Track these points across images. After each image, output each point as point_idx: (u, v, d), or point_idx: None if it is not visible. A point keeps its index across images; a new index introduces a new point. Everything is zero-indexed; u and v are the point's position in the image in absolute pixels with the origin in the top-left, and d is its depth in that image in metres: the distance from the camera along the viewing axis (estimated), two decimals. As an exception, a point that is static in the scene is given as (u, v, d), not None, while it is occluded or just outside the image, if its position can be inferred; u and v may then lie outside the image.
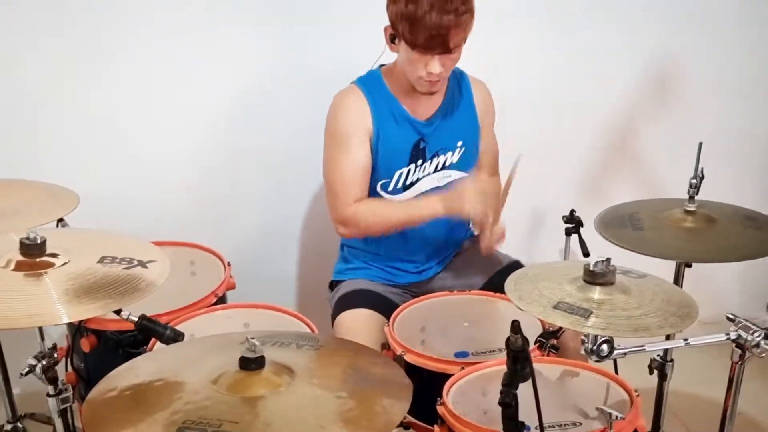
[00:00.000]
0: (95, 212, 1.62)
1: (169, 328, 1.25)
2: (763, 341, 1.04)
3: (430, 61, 1.47)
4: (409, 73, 1.53)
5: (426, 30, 1.42)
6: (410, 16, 1.42)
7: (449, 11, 1.41)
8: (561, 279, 1.09)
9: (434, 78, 1.50)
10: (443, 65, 1.48)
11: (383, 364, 1.16)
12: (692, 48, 2.15)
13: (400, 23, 1.46)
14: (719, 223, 1.44)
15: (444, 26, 1.42)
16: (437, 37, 1.43)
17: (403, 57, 1.52)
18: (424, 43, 1.44)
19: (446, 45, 1.45)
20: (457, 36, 1.46)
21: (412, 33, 1.44)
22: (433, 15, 1.41)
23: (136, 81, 1.85)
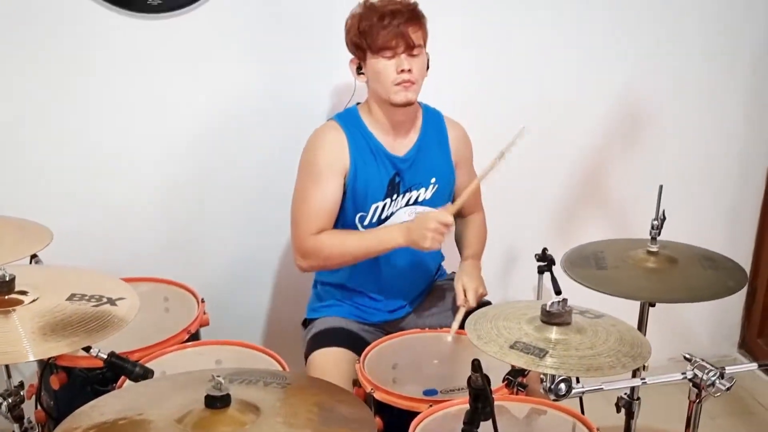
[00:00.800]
0: (69, 248, 1.63)
1: (138, 366, 1.26)
2: (718, 380, 1.07)
3: (398, 61, 1.55)
4: (383, 86, 1.58)
5: (385, 29, 1.54)
6: (367, 28, 1.55)
7: (400, 11, 1.55)
8: (520, 319, 1.12)
9: (406, 77, 1.56)
10: (411, 64, 1.56)
11: (350, 402, 1.17)
12: (658, 91, 2.22)
13: (361, 40, 1.57)
14: (680, 264, 1.48)
15: (400, 23, 1.53)
16: (398, 36, 1.53)
17: (373, 74, 1.59)
18: (386, 42, 1.54)
19: (408, 41, 1.54)
20: (415, 33, 1.55)
21: (374, 38, 1.54)
22: (387, 18, 1.54)
23: (109, 117, 1.87)
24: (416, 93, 1.60)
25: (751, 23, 2.21)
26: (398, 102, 1.58)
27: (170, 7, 1.81)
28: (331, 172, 1.61)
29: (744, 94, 2.29)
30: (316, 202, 1.62)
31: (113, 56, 1.83)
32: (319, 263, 1.66)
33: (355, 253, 1.62)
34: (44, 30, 1.77)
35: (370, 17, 1.55)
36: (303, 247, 1.63)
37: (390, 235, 1.59)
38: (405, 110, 1.63)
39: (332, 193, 1.62)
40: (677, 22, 2.17)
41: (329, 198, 1.62)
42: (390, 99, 1.59)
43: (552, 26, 2.08)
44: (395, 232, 1.58)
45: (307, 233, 1.62)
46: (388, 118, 1.65)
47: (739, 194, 2.40)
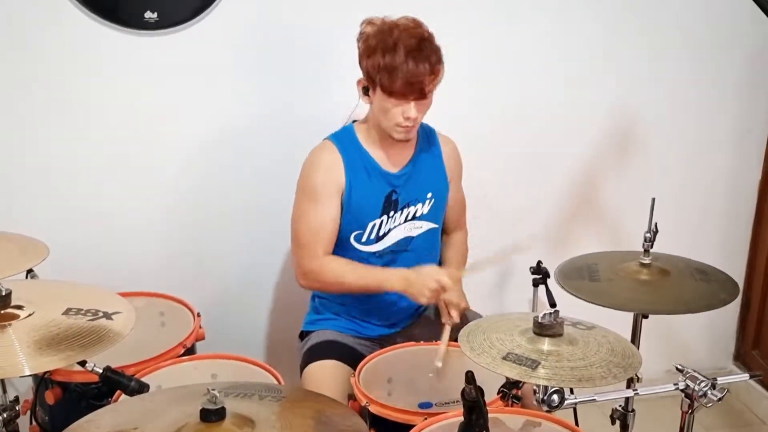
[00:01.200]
0: (66, 263, 1.64)
1: (133, 380, 1.26)
2: (710, 391, 1.07)
3: (406, 107, 1.55)
4: (385, 121, 1.59)
5: (403, 78, 1.50)
6: (388, 67, 1.50)
7: (424, 60, 1.51)
8: (513, 330, 1.13)
9: (410, 123, 1.57)
10: (418, 111, 1.56)
11: (345, 415, 1.17)
12: (650, 105, 2.24)
13: (377, 74, 1.53)
14: (672, 276, 1.49)
15: (420, 74, 1.51)
16: (414, 84, 1.51)
17: (379, 106, 1.59)
18: (401, 90, 1.52)
19: (422, 91, 1.54)
20: (431, 83, 1.55)
21: (391, 82, 1.51)
22: (410, 64, 1.49)
23: (106, 135, 1.89)
24: (415, 131, 1.63)
25: (740, 37, 2.24)
26: (397, 139, 1.62)
27: (167, 24, 1.83)
28: (328, 193, 1.63)
29: (735, 107, 2.32)
30: (315, 223, 1.63)
31: (111, 73, 1.85)
32: (318, 286, 1.70)
33: (353, 286, 1.64)
34: (41, 47, 1.79)
35: (394, 56, 1.50)
36: (304, 269, 1.66)
37: (389, 282, 1.61)
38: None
39: (330, 214, 1.64)
40: (668, 37, 2.19)
41: (328, 218, 1.64)
42: (390, 135, 1.61)
43: (544, 40, 2.11)
44: (395, 281, 1.60)
45: (310, 255, 1.64)
46: (384, 139, 1.66)
47: (732, 207, 2.42)
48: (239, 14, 1.88)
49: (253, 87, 1.95)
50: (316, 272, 1.64)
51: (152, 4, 1.80)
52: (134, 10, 1.80)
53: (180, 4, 1.83)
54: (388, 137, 1.64)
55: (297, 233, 1.67)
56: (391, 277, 1.61)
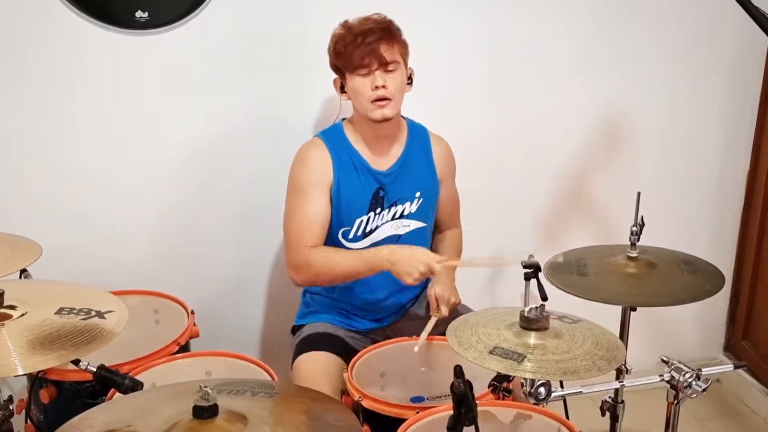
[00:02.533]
0: (59, 263, 1.64)
1: (127, 378, 1.27)
2: (694, 382, 1.09)
3: (373, 78, 1.58)
4: (361, 104, 1.62)
5: (357, 48, 1.57)
6: (342, 47, 1.59)
7: (373, 32, 1.58)
8: (500, 325, 1.15)
9: (382, 94, 1.59)
10: (385, 80, 1.59)
11: (337, 410, 1.18)
12: (639, 100, 2.25)
13: (338, 60, 1.61)
14: (659, 269, 1.51)
15: (372, 41, 1.57)
16: (369, 51, 1.57)
17: (352, 92, 1.62)
18: (360, 59, 1.57)
19: (381, 58, 1.57)
20: (389, 50, 1.58)
21: (348, 57, 1.58)
22: (360, 37, 1.58)
23: (97, 133, 1.89)
24: (394, 109, 1.63)
25: (726, 33, 2.25)
26: (375, 119, 1.62)
27: (158, 24, 1.83)
28: (317, 188, 1.64)
29: (723, 101, 2.33)
30: (304, 217, 1.64)
31: (101, 73, 1.85)
32: (309, 278, 1.69)
33: (345, 271, 1.64)
34: (31, 47, 1.79)
35: (345, 38, 1.59)
36: (294, 262, 1.66)
37: (377, 259, 1.60)
38: (388, 125, 1.66)
39: (320, 208, 1.65)
40: (657, 34, 2.20)
41: (317, 213, 1.65)
42: (368, 116, 1.62)
43: (534, 37, 2.11)
44: (383, 258, 1.60)
45: (297, 248, 1.65)
46: (371, 133, 1.68)
47: (722, 199, 2.44)
48: (230, 13, 1.88)
49: (245, 86, 1.96)
50: (305, 264, 1.64)
51: (143, 3, 1.80)
52: (125, 10, 1.80)
53: (171, 4, 1.83)
54: (375, 132, 1.66)
55: (287, 229, 1.68)
56: (379, 257, 1.61)
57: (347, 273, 1.64)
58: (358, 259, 1.63)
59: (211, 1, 1.85)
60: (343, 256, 1.64)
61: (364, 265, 1.62)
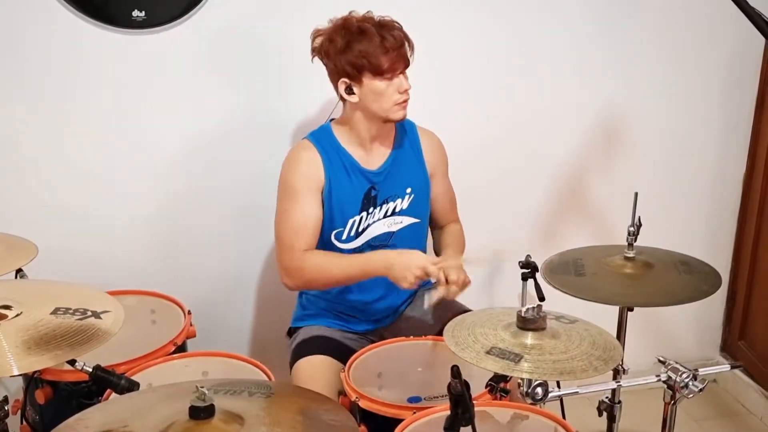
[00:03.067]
0: (55, 263, 1.64)
1: (123, 378, 1.27)
2: (691, 382, 1.09)
3: (398, 81, 1.59)
4: (383, 106, 1.60)
5: (387, 52, 1.55)
6: (369, 50, 1.55)
7: (393, 30, 1.58)
8: (497, 325, 1.15)
9: (407, 96, 1.61)
10: (408, 83, 1.61)
11: (334, 410, 1.18)
12: (636, 100, 2.26)
13: (361, 62, 1.56)
14: (656, 269, 1.51)
15: (398, 42, 1.57)
16: (397, 54, 1.57)
17: (371, 94, 1.59)
18: (391, 65, 1.57)
19: (406, 60, 1.60)
20: (408, 50, 1.61)
21: (378, 61, 1.55)
22: (386, 38, 1.56)
23: (93, 133, 1.88)
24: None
25: (724, 35, 2.25)
26: (398, 119, 1.63)
27: (155, 23, 1.83)
28: (308, 191, 1.64)
29: (720, 102, 2.34)
30: (296, 221, 1.64)
31: (98, 72, 1.85)
32: (302, 283, 1.68)
33: (338, 276, 1.63)
34: (27, 47, 1.79)
35: (367, 38, 1.55)
36: (287, 266, 1.65)
37: (372, 265, 1.60)
38: (391, 123, 1.66)
39: (311, 211, 1.64)
40: (655, 35, 2.20)
41: (309, 216, 1.64)
42: (389, 117, 1.62)
43: (531, 36, 2.12)
44: (377, 263, 1.59)
45: (290, 252, 1.64)
46: (368, 133, 1.67)
47: (718, 200, 2.44)
48: (227, 13, 1.88)
49: (242, 86, 1.95)
50: (298, 268, 1.63)
51: (140, 2, 1.79)
52: (122, 9, 1.79)
53: (167, 3, 1.83)
54: (373, 131, 1.65)
55: (279, 232, 1.67)
56: (373, 261, 1.60)
57: (340, 278, 1.64)
58: (353, 265, 1.62)
59: (208, 1, 1.85)
60: (337, 262, 1.63)
61: (358, 271, 1.62)
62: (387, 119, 1.62)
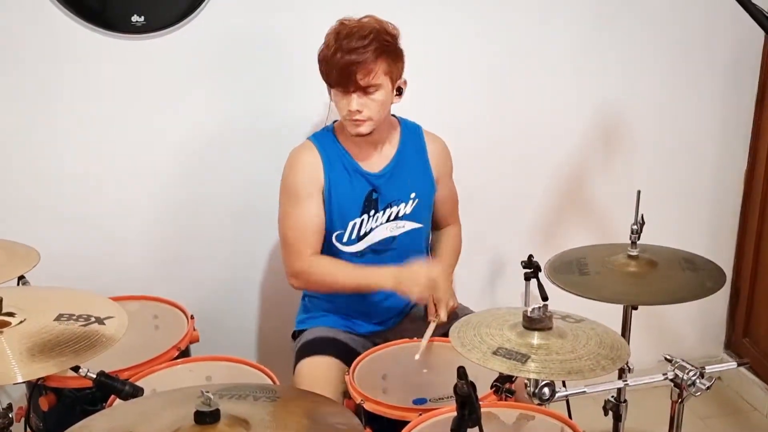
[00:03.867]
0: (57, 269, 1.63)
1: (127, 384, 1.26)
2: (698, 380, 1.09)
3: (348, 99, 1.56)
4: (340, 114, 1.61)
5: (333, 68, 1.53)
6: (323, 59, 1.57)
7: (351, 50, 1.52)
8: (502, 325, 1.14)
9: (355, 117, 1.56)
10: (363, 105, 1.55)
11: (339, 413, 1.18)
12: (637, 99, 2.26)
13: (320, 68, 1.58)
14: (660, 267, 1.50)
15: (348, 64, 1.51)
16: (345, 75, 1.52)
17: (333, 99, 1.61)
18: (336, 80, 1.55)
19: (356, 83, 1.53)
20: (366, 76, 1.52)
21: (326, 73, 1.56)
22: (338, 55, 1.52)
23: (94, 138, 1.88)
24: (371, 127, 1.60)
25: (724, 32, 2.25)
26: (352, 133, 1.61)
27: (154, 28, 1.83)
28: (309, 193, 1.64)
29: (720, 99, 2.33)
30: (299, 223, 1.64)
31: (98, 77, 1.85)
32: (308, 286, 1.70)
33: (343, 285, 1.64)
34: (27, 52, 1.78)
35: (330, 47, 1.54)
36: (293, 269, 1.66)
37: (379, 278, 1.60)
38: (369, 137, 1.64)
39: (315, 214, 1.64)
40: (654, 34, 2.20)
41: (312, 217, 1.64)
42: (346, 128, 1.62)
43: (531, 36, 2.12)
44: (385, 277, 1.59)
45: (297, 255, 1.64)
46: (362, 139, 1.66)
47: (720, 197, 2.44)
48: (226, 18, 1.88)
49: (241, 90, 1.95)
50: (305, 272, 1.64)
51: (139, 7, 1.80)
52: (121, 14, 1.79)
53: (167, 8, 1.83)
54: (359, 139, 1.64)
55: (283, 234, 1.67)
56: (381, 274, 1.61)
57: (346, 286, 1.64)
58: (360, 277, 1.63)
59: (206, 6, 1.85)
60: (345, 272, 1.64)
61: (365, 283, 1.62)
62: (346, 129, 1.62)
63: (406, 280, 1.56)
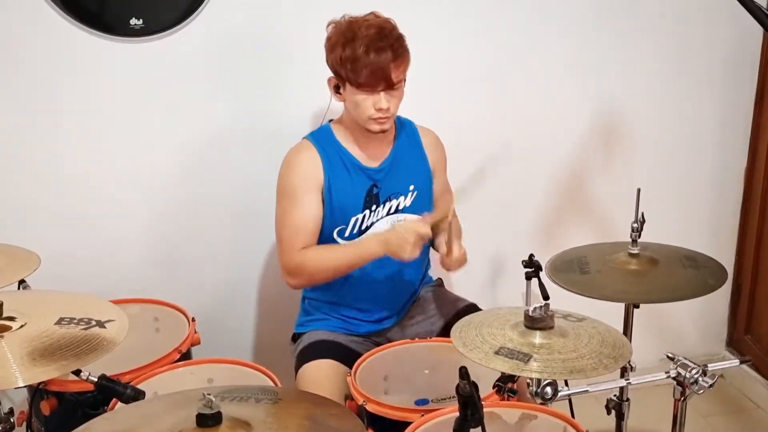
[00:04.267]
0: (57, 273, 1.63)
1: (129, 387, 1.26)
2: (701, 378, 1.08)
3: (376, 98, 1.55)
4: (359, 116, 1.59)
5: (367, 68, 1.51)
6: (350, 58, 1.51)
7: (385, 49, 1.51)
8: (504, 325, 1.14)
9: (383, 114, 1.57)
10: (389, 101, 1.56)
11: (341, 415, 1.18)
12: (636, 98, 2.26)
13: (342, 68, 1.54)
14: (661, 265, 1.50)
15: (382, 62, 1.51)
16: (378, 73, 1.51)
17: (351, 101, 1.59)
18: (367, 81, 1.52)
19: (389, 80, 1.53)
20: (397, 71, 1.54)
21: (355, 74, 1.52)
22: (371, 54, 1.50)
23: (94, 141, 1.88)
24: (391, 122, 1.63)
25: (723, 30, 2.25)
26: (373, 131, 1.61)
27: (153, 31, 1.83)
28: (307, 191, 1.64)
29: (720, 96, 2.33)
30: (295, 220, 1.63)
31: (96, 81, 1.85)
32: (305, 280, 1.68)
33: (337, 266, 1.63)
34: (25, 55, 1.79)
35: (354, 47, 1.51)
36: (288, 265, 1.65)
37: (369, 247, 1.60)
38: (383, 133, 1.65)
39: (311, 211, 1.64)
40: (653, 32, 2.20)
41: (308, 215, 1.64)
42: (365, 127, 1.61)
43: (535, 38, 2.12)
44: (374, 244, 1.59)
45: (290, 251, 1.64)
46: (361, 134, 1.67)
47: (721, 194, 2.43)
48: (225, 20, 1.88)
49: (240, 92, 1.95)
50: (298, 265, 1.63)
51: (137, 10, 1.80)
52: (119, 17, 1.80)
53: (165, 11, 1.83)
54: (364, 133, 1.65)
55: (279, 233, 1.67)
56: (369, 242, 1.60)
57: (340, 267, 1.62)
58: (350, 252, 1.62)
59: (205, 8, 1.85)
60: (334, 252, 1.64)
61: (356, 256, 1.61)
62: (364, 128, 1.61)
63: (395, 240, 1.54)
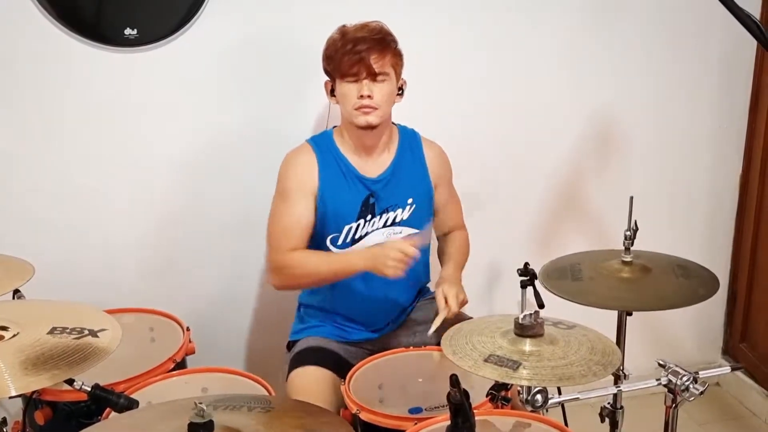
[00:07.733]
0: (52, 282, 1.63)
1: (122, 397, 1.26)
2: (692, 385, 1.09)
3: (360, 86, 1.58)
4: (346, 109, 1.63)
5: (347, 55, 1.57)
6: (333, 52, 1.60)
7: (365, 38, 1.58)
8: (494, 332, 1.14)
9: (367, 102, 1.59)
10: (372, 91, 1.59)
11: (334, 423, 1.18)
12: (631, 106, 2.27)
13: (328, 64, 1.62)
14: (653, 273, 1.51)
15: (361, 50, 1.57)
16: (358, 61, 1.57)
17: (340, 96, 1.63)
18: (348, 68, 1.58)
19: (369, 68, 1.57)
20: (380, 61, 1.58)
21: (338, 62, 1.58)
22: (351, 44, 1.58)
23: (89, 151, 1.89)
24: (379, 117, 1.63)
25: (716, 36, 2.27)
26: (359, 124, 1.62)
27: (147, 41, 1.84)
28: (300, 193, 1.65)
29: (714, 102, 2.35)
30: (286, 221, 1.65)
31: (91, 91, 1.86)
32: (289, 281, 1.68)
33: (322, 273, 1.64)
34: (20, 66, 1.79)
35: (337, 43, 1.60)
36: (273, 264, 1.67)
37: (352, 260, 1.61)
38: (373, 134, 1.66)
39: (302, 213, 1.65)
40: (646, 38, 2.22)
41: (299, 218, 1.65)
42: (352, 121, 1.63)
43: (528, 44, 2.13)
44: (358, 258, 1.60)
45: (277, 250, 1.65)
46: (357, 140, 1.68)
47: (715, 201, 2.44)
48: (219, 29, 1.89)
49: (235, 101, 1.96)
50: (283, 266, 1.64)
51: (132, 20, 1.81)
52: (114, 27, 1.81)
53: (160, 21, 1.84)
54: (360, 139, 1.66)
55: (269, 230, 1.69)
56: (355, 255, 1.62)
57: (324, 274, 1.64)
58: (335, 261, 1.64)
59: (199, 18, 1.86)
60: (320, 258, 1.65)
61: (340, 267, 1.62)
62: (353, 124, 1.63)
63: (380, 257, 1.55)
